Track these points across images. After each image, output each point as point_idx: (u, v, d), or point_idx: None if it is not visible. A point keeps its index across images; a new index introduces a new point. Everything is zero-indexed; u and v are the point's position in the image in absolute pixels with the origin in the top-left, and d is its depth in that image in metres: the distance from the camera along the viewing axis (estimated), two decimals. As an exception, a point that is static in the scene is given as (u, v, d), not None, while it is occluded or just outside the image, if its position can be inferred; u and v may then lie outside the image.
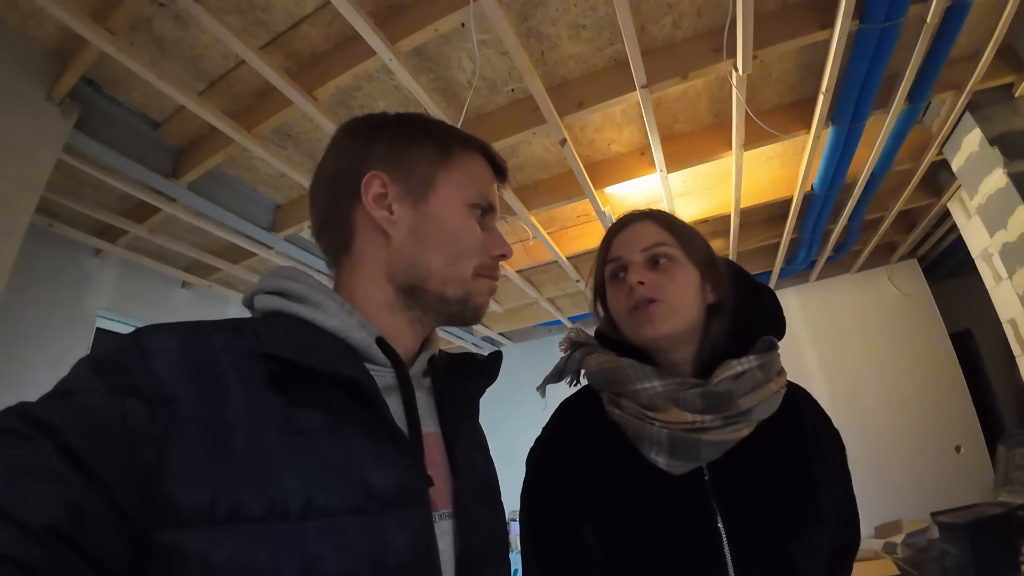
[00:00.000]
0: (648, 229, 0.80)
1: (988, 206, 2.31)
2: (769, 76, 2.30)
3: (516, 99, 2.27)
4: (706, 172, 2.99)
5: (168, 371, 0.43)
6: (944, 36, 1.88)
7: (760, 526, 0.67)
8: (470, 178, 0.61)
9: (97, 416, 0.40)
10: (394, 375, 0.55)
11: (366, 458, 0.48)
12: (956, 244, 3.65)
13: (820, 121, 2.30)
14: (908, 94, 2.17)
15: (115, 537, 0.37)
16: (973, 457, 3.54)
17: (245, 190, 2.54)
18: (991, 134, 2.20)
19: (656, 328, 0.73)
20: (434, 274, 0.58)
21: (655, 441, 0.69)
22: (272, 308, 0.54)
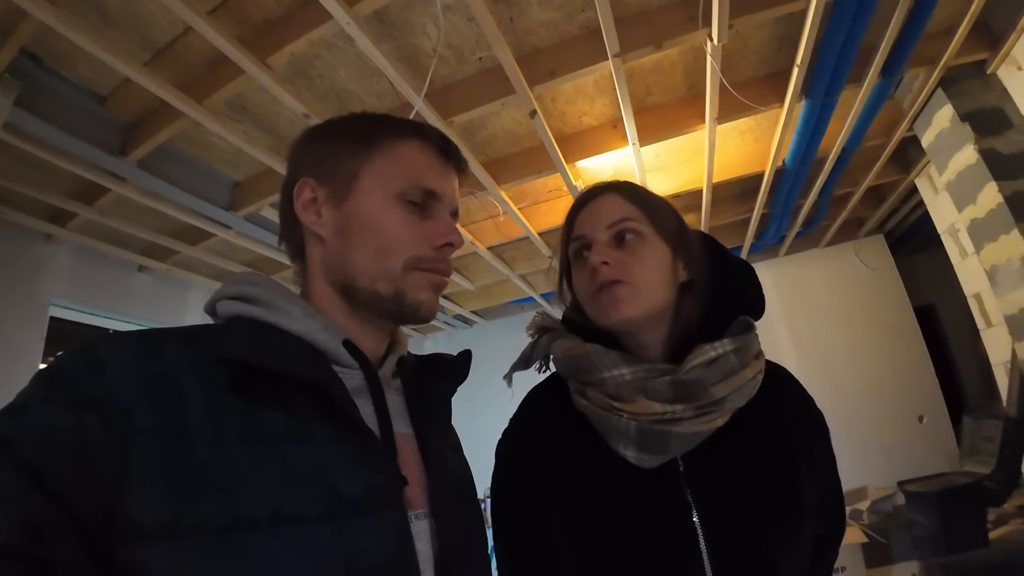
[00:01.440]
0: (613, 203, 0.74)
1: (957, 182, 2.32)
2: (745, 47, 2.24)
3: (484, 68, 2.17)
4: (679, 146, 2.94)
5: (123, 382, 0.42)
6: (920, 9, 1.85)
7: (737, 519, 0.64)
8: (397, 167, 0.59)
9: (52, 430, 0.39)
10: (363, 376, 0.55)
11: (334, 462, 0.47)
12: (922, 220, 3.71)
13: (794, 94, 2.26)
14: (882, 68, 2.14)
15: (77, 554, 0.36)
16: (935, 427, 3.66)
17: (201, 167, 2.40)
18: (963, 110, 2.19)
19: (621, 311, 0.68)
20: (361, 272, 0.56)
21: (623, 434, 0.65)
22: (234, 313, 0.54)
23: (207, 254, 3.01)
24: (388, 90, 2.19)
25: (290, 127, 2.27)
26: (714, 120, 2.40)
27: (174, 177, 2.25)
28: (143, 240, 2.83)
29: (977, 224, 2.26)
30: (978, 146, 2.12)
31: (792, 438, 0.70)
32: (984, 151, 2.11)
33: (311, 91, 2.10)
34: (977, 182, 2.19)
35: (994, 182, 2.09)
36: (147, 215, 2.60)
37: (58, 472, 0.37)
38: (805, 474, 0.69)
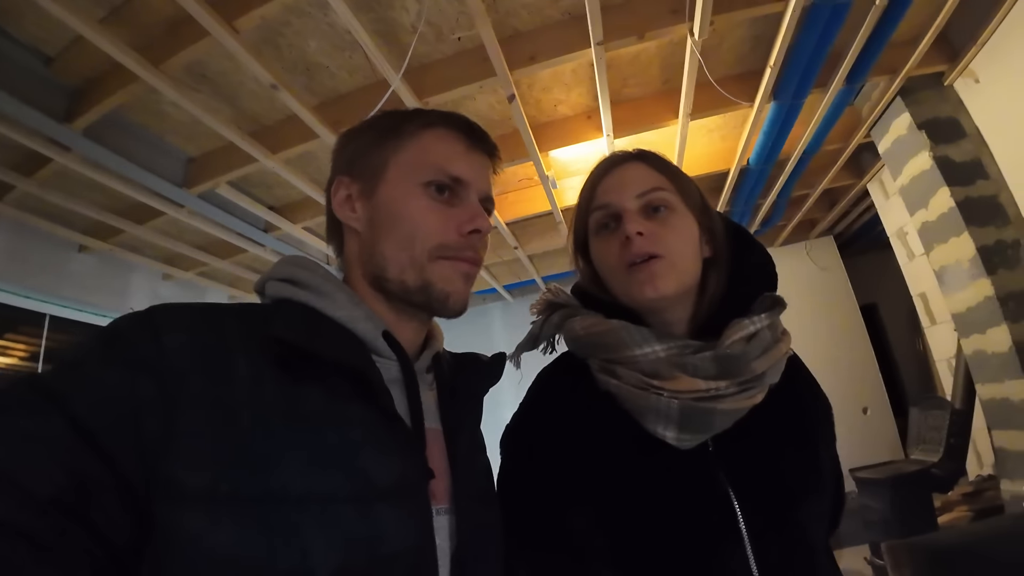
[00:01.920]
0: (641, 171, 0.70)
1: (911, 187, 2.45)
2: (721, 45, 2.28)
3: (463, 49, 2.12)
4: (650, 140, 2.94)
5: (179, 348, 0.44)
6: (889, 19, 1.93)
7: (772, 499, 0.61)
8: (422, 155, 0.59)
9: (106, 388, 0.40)
10: (399, 368, 0.56)
11: (368, 447, 0.48)
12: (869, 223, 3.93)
13: (765, 94, 2.32)
14: (848, 74, 2.22)
15: (118, 510, 0.38)
16: (879, 418, 3.91)
17: (152, 140, 2.22)
18: (920, 119, 2.31)
19: (658, 287, 0.64)
20: (390, 262, 0.57)
21: (663, 413, 0.61)
22: (282, 295, 0.55)
23: (155, 234, 2.81)
24: (362, 65, 2.10)
25: (253, 99, 2.14)
26: (688, 116, 2.44)
27: (122, 149, 2.07)
28: (85, 217, 2.61)
29: (928, 227, 2.40)
30: (933, 153, 2.24)
31: (811, 415, 0.70)
32: (938, 158, 2.24)
33: (278, 62, 1.98)
34: (930, 187, 2.32)
35: (947, 187, 2.22)
36: (91, 190, 2.39)
37: (107, 429, 0.39)
38: (823, 451, 0.69)
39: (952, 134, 2.29)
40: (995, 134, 2.19)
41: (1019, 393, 1.98)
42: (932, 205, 2.32)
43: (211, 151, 2.39)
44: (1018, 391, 1.98)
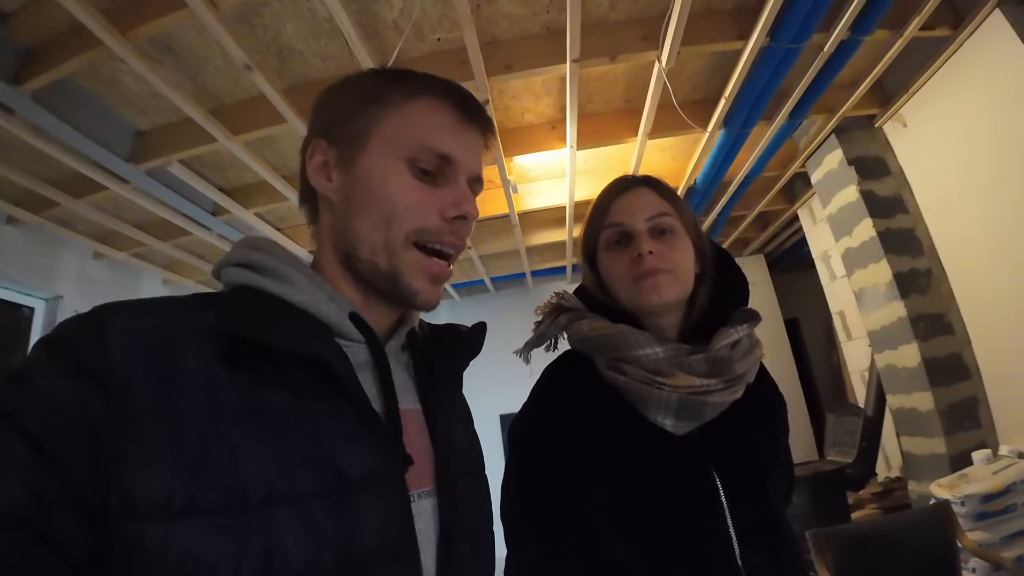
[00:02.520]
0: (649, 197, 0.81)
1: (838, 216, 2.72)
2: (681, 73, 2.42)
3: (441, 50, 2.13)
4: (607, 154, 3.09)
5: (125, 354, 0.41)
6: (832, 65, 2.14)
7: (745, 474, 0.74)
8: (408, 127, 0.54)
9: (54, 402, 0.38)
10: (368, 351, 0.53)
11: (335, 439, 0.45)
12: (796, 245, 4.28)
13: (717, 122, 2.50)
14: (791, 111, 2.44)
15: (77, 526, 0.36)
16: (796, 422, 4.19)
17: (102, 109, 2.06)
18: (850, 155, 2.57)
19: (663, 295, 0.75)
20: (362, 241, 0.53)
21: (663, 404, 0.72)
22: (238, 281, 0.51)
23: (92, 210, 2.60)
24: (337, 55, 2.06)
25: (217, 76, 2.05)
26: (646, 135, 2.57)
27: (70, 117, 1.91)
28: (18, 186, 2.37)
29: (851, 252, 2.67)
30: (860, 187, 2.50)
31: (772, 407, 0.84)
32: (864, 192, 2.50)
33: (251, 41, 1.91)
34: (855, 217, 2.58)
35: (870, 219, 2.48)
36: (29, 158, 2.18)
37: (58, 444, 0.37)
38: (781, 435, 0.85)
39: (878, 171, 2.57)
40: (915, 174, 2.48)
41: (925, 404, 2.26)
42: (856, 233, 2.59)
43: (164, 126, 2.25)
44: (924, 402, 2.26)
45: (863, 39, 1.97)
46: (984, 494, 1.74)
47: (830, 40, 1.97)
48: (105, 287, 3.24)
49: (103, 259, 3.21)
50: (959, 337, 2.31)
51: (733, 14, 2.03)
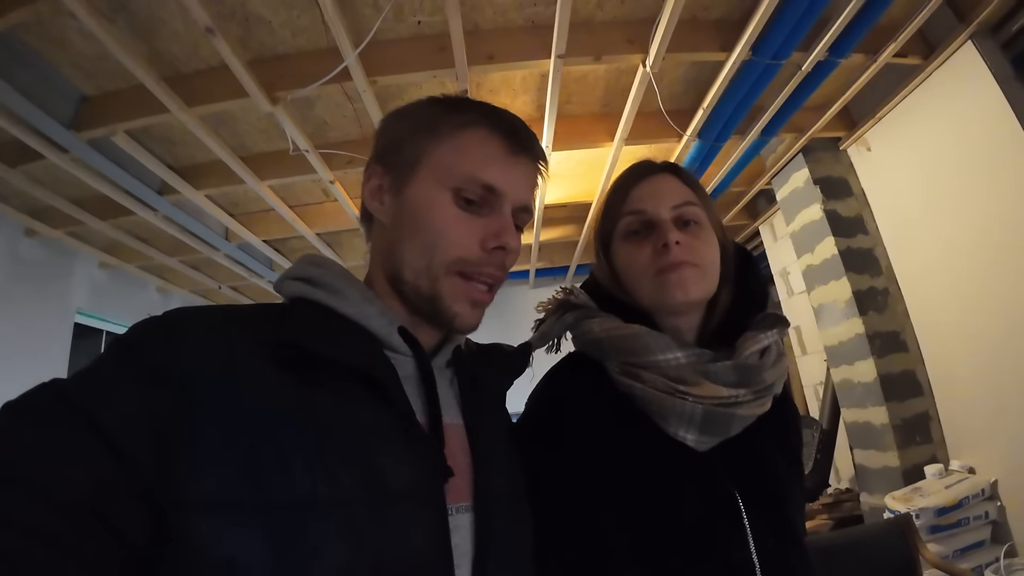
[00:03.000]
0: (673, 184, 0.73)
1: (802, 233, 2.80)
2: (660, 81, 2.42)
3: (420, 34, 2.04)
4: (580, 158, 3.07)
5: (191, 357, 0.44)
6: (807, 85, 2.20)
7: (768, 495, 0.68)
8: (456, 157, 0.56)
9: (124, 397, 0.41)
10: (414, 364, 0.55)
11: (381, 448, 0.47)
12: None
13: (692, 133, 2.52)
14: (763, 128, 2.49)
15: (139, 516, 0.38)
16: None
17: (45, 70, 1.85)
18: (816, 175, 2.66)
19: (688, 292, 0.68)
20: (406, 265, 0.56)
21: (687, 417, 0.65)
22: (296, 294, 0.55)
23: (24, 180, 2.33)
24: (308, 29, 1.94)
25: (175, 40, 1.88)
26: (623, 140, 2.57)
27: (8, 75, 1.71)
28: None
29: (812, 270, 2.75)
30: (824, 206, 2.59)
31: (791, 421, 0.78)
32: (828, 211, 2.59)
33: (215, 5, 1.76)
34: (818, 235, 2.66)
35: (832, 237, 2.57)
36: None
37: (126, 437, 0.39)
38: (799, 451, 0.78)
39: (841, 192, 2.66)
40: (876, 197, 2.58)
41: (879, 418, 2.34)
42: (818, 251, 2.68)
43: (112, 92, 2.05)
44: (878, 416, 2.34)
45: (839, 61, 2.02)
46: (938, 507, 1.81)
47: (809, 59, 2.02)
48: (35, 267, 2.95)
49: (36, 236, 2.92)
50: (913, 355, 2.41)
51: (718, 25, 2.05)
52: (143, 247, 3.22)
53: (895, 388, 2.34)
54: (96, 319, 3.50)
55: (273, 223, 3.23)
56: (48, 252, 3.04)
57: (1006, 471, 1.98)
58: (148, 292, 3.94)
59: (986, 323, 2.04)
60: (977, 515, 1.93)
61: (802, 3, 1.74)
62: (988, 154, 1.95)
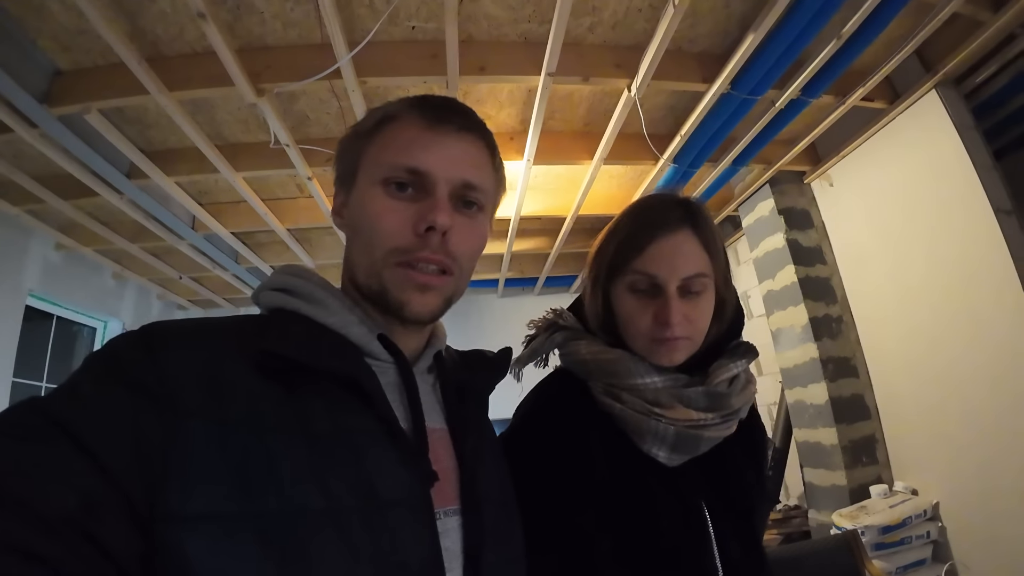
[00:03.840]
0: (691, 248, 0.72)
1: (764, 260, 2.93)
2: (642, 105, 2.51)
3: (413, 39, 2.06)
4: (558, 173, 3.14)
5: (174, 369, 0.44)
6: (779, 121, 2.32)
7: (733, 507, 0.74)
8: (382, 152, 0.56)
9: (106, 411, 0.40)
10: (396, 370, 0.55)
11: (367, 456, 0.47)
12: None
13: (669, 157, 2.61)
14: (736, 157, 2.61)
15: (127, 530, 0.37)
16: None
17: (19, 39, 1.76)
18: (780, 205, 2.80)
19: (675, 360, 0.73)
20: (357, 267, 0.57)
21: (660, 436, 0.71)
22: (276, 305, 0.55)
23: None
24: (301, 22, 1.93)
25: (160, 20, 1.84)
26: (601, 160, 2.64)
27: None
28: None
29: (772, 295, 2.88)
30: (787, 236, 2.72)
31: (755, 435, 0.84)
32: (790, 240, 2.72)
33: (208, -11, 1.73)
34: (779, 263, 2.80)
35: (792, 265, 2.70)
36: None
37: (110, 452, 0.38)
38: (763, 463, 0.86)
39: (803, 223, 2.81)
40: (835, 230, 2.73)
41: (829, 439, 2.46)
42: (779, 277, 2.81)
43: (88, 68, 1.97)
44: (828, 437, 2.46)
45: (811, 101, 2.15)
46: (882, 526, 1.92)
47: (783, 97, 2.14)
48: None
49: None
50: (862, 380, 2.55)
51: (701, 58, 2.15)
52: (103, 230, 3.08)
53: (845, 411, 2.46)
54: (48, 303, 3.32)
55: (243, 215, 3.15)
56: (3, 229, 2.87)
57: (947, 494, 2.11)
58: (103, 278, 3.75)
59: (930, 355, 2.19)
60: (919, 534, 2.05)
61: (781, 45, 1.84)
62: (944, 198, 2.09)
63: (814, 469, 2.54)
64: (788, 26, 1.77)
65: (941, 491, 2.12)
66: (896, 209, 2.32)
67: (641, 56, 2.01)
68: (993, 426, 1.91)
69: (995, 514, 1.89)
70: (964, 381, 2.02)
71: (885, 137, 2.34)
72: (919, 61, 2.14)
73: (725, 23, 1.99)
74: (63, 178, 2.50)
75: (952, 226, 2.06)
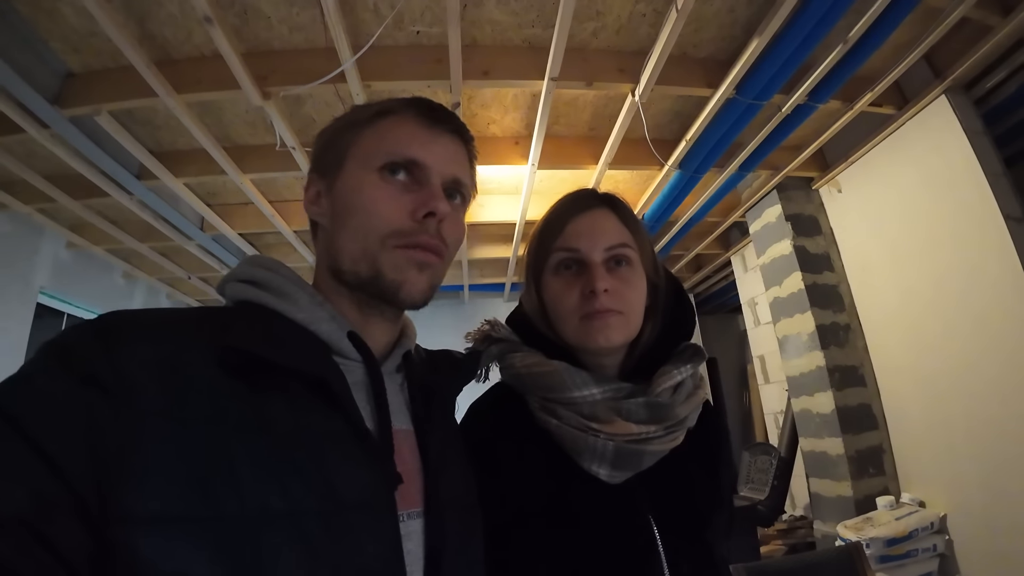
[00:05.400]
0: (611, 223, 0.72)
1: (771, 266, 2.91)
2: (647, 110, 2.50)
3: (418, 43, 2.07)
4: (562, 177, 3.12)
5: (130, 361, 0.42)
6: (786, 127, 2.30)
7: (684, 521, 0.69)
8: (379, 142, 0.57)
9: (58, 406, 0.39)
10: (364, 370, 0.54)
11: (330, 457, 0.46)
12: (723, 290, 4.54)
13: (674, 163, 2.60)
14: (742, 163, 2.59)
15: (77, 529, 0.36)
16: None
17: (33, 40, 1.79)
18: (788, 212, 2.77)
19: (611, 339, 0.69)
20: (344, 252, 0.56)
21: (598, 453, 0.66)
22: (242, 297, 0.54)
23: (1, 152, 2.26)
24: (307, 27, 1.95)
25: (169, 25, 1.86)
26: (607, 164, 2.63)
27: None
28: None
29: (779, 302, 2.85)
30: (794, 242, 2.69)
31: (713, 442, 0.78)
32: (797, 247, 2.69)
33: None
34: (787, 269, 2.77)
35: (799, 272, 2.67)
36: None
37: (63, 449, 0.37)
38: (723, 471, 0.78)
39: (811, 229, 2.78)
40: (844, 237, 2.70)
41: (835, 449, 2.42)
42: (785, 284, 2.78)
43: (98, 71, 2.00)
44: (834, 447, 2.43)
45: (817, 106, 2.13)
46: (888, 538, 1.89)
47: (789, 102, 2.12)
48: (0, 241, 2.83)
49: (4, 210, 2.80)
50: (870, 389, 2.51)
51: (705, 63, 2.14)
52: (113, 230, 3.12)
53: (851, 421, 2.43)
54: (59, 300, 3.36)
55: (250, 216, 3.18)
56: (14, 226, 2.92)
57: (955, 507, 2.07)
58: (113, 277, 3.81)
59: (940, 366, 2.15)
60: (926, 547, 2.01)
61: (787, 49, 1.83)
62: (952, 205, 2.07)
63: (820, 479, 2.50)
64: (793, 31, 1.76)
65: (948, 503, 2.08)
66: (905, 216, 2.29)
67: (645, 61, 2.01)
68: (1002, 438, 1.87)
69: (1002, 528, 1.85)
70: (973, 392, 1.98)
71: (894, 143, 2.32)
72: (928, 66, 2.11)
73: (730, 28, 1.98)
74: (74, 178, 2.54)
75: (961, 233, 2.03)
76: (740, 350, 4.50)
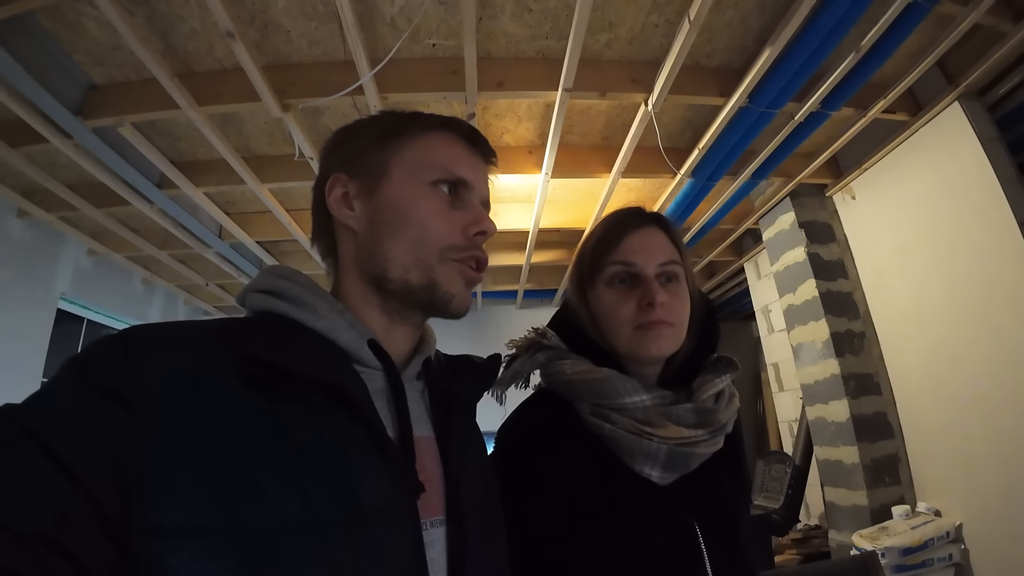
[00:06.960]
0: (661, 240, 0.79)
1: (784, 273, 2.90)
2: (660, 119, 2.52)
3: (433, 56, 2.11)
4: (575, 186, 3.15)
5: (152, 376, 0.43)
6: (799, 134, 2.30)
7: (723, 522, 0.74)
8: (428, 155, 0.60)
9: (80, 421, 0.40)
10: (384, 377, 0.55)
11: (352, 466, 0.47)
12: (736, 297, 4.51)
13: (687, 171, 2.61)
14: (755, 171, 2.59)
15: (99, 542, 0.37)
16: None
17: (58, 54, 1.85)
18: (801, 219, 2.77)
19: (663, 348, 0.74)
20: (393, 261, 0.56)
21: (651, 455, 0.71)
22: (262, 308, 0.54)
23: (23, 161, 2.31)
24: (325, 40, 1.99)
25: (191, 38, 1.91)
26: (620, 173, 2.65)
27: (22, 56, 1.71)
28: None
29: (793, 309, 2.84)
30: (808, 249, 2.69)
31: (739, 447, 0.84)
32: (811, 254, 2.69)
33: (236, 7, 1.80)
34: (800, 277, 2.76)
35: (814, 279, 2.66)
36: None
37: (83, 463, 0.38)
38: (746, 474, 0.85)
39: (825, 236, 2.77)
40: (858, 244, 2.69)
41: (850, 457, 2.40)
42: (800, 291, 2.77)
43: (121, 83, 2.06)
44: (850, 456, 2.41)
45: (831, 114, 2.13)
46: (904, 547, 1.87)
47: (802, 110, 2.12)
48: (23, 248, 2.89)
49: (27, 218, 2.87)
50: (885, 398, 2.49)
51: (718, 72, 2.15)
52: (133, 237, 3.19)
53: (867, 429, 2.41)
54: (79, 306, 3.43)
55: (268, 225, 3.24)
56: (37, 234, 2.99)
57: (971, 516, 2.05)
58: (132, 283, 3.88)
59: (953, 372, 2.13)
60: (941, 557, 1.99)
61: (799, 58, 1.84)
62: (967, 212, 2.06)
63: (835, 488, 2.48)
64: (806, 39, 1.77)
65: (965, 513, 2.06)
66: (919, 222, 2.28)
67: (658, 71, 2.03)
68: (1018, 447, 1.85)
69: (1020, 537, 1.83)
70: (988, 400, 1.96)
71: (908, 150, 2.31)
72: (941, 73, 2.11)
73: (742, 37, 2.00)
74: (96, 187, 2.61)
75: (976, 240, 2.02)
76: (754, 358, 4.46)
